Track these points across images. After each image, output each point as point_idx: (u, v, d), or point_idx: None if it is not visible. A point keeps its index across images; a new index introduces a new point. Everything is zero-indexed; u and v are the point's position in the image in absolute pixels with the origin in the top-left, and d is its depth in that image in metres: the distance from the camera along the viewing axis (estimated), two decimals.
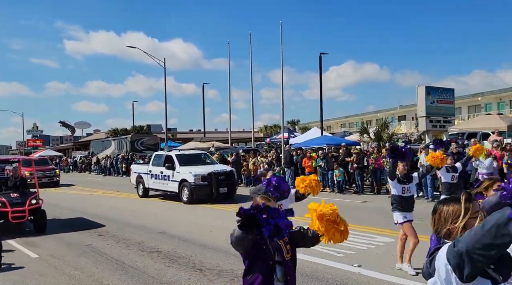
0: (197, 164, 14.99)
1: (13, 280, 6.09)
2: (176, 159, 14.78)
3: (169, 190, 14.95)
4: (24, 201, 9.21)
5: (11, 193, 9.45)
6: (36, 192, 9.81)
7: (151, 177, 15.78)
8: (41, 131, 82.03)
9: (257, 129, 52.04)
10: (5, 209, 8.97)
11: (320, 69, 25.73)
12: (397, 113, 48.80)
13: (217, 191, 13.75)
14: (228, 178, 14.35)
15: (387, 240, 7.73)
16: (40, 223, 9.53)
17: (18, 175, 10.27)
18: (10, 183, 10.07)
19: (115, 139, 41.46)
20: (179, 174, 14.30)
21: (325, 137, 22.77)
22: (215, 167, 14.90)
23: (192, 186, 13.68)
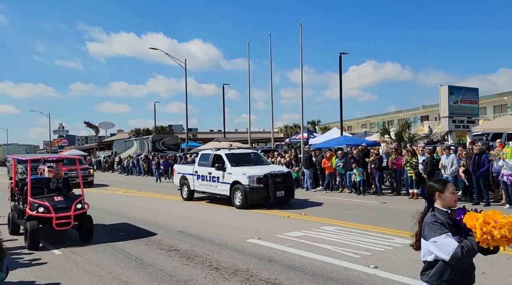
0: (249, 164, 13.59)
1: (36, 275, 6.32)
2: (226, 159, 13.42)
3: (218, 193, 13.57)
4: (69, 206, 8.19)
5: (54, 197, 8.42)
6: (81, 195, 8.70)
7: (197, 178, 14.53)
8: (67, 131, 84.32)
9: (277, 129, 52.01)
10: (48, 215, 7.96)
11: (340, 69, 25.55)
12: (420, 113, 47.94)
13: (274, 194, 12.37)
14: (285, 180, 12.95)
15: (405, 242, 7.62)
16: (86, 230, 8.48)
17: (60, 176, 9.33)
18: (52, 185, 9.09)
19: (137, 139, 42.23)
20: (230, 175, 12.99)
21: (344, 137, 22.58)
22: (271, 168, 13.55)
23: (246, 189, 12.30)
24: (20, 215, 8.86)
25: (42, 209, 7.98)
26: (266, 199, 12.33)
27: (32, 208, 8.06)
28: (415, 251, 6.84)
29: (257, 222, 10.21)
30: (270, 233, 8.74)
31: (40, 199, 8.22)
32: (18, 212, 8.97)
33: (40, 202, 8.11)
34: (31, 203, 8.14)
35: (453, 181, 12.63)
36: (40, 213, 7.96)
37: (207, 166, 14.05)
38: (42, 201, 8.12)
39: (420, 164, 13.47)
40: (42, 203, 8.07)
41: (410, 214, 10.62)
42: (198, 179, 14.48)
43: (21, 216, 8.74)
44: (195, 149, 35.02)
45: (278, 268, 6.24)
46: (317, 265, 6.33)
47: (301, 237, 8.23)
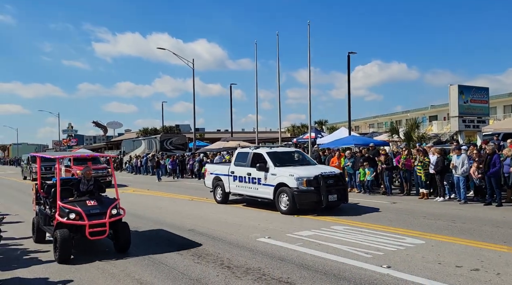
0: (294, 164, 12.35)
1: (49, 272, 6.37)
2: (268, 158, 12.04)
3: (259, 196, 12.22)
4: (103, 211, 7.17)
5: (86, 201, 7.39)
6: (116, 199, 7.63)
7: (233, 179, 13.15)
8: (76, 131, 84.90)
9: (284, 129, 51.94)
10: (81, 222, 6.96)
11: (349, 69, 25.48)
12: (428, 113, 47.64)
13: (327, 198, 10.94)
14: (337, 182, 11.49)
15: (417, 242, 7.59)
16: (123, 239, 7.36)
17: (91, 177, 8.23)
18: (82, 187, 8.02)
19: (145, 139, 42.43)
20: (274, 176, 11.59)
21: (353, 137, 22.50)
22: (320, 168, 12.17)
23: (294, 193, 10.90)
24: (46, 221, 7.99)
25: (73, 215, 6.96)
26: (317, 204, 10.98)
27: (62, 214, 7.06)
28: (429, 252, 6.84)
29: (267, 221, 10.20)
30: (280, 232, 8.73)
31: (70, 204, 7.21)
32: (44, 217, 8.07)
33: (71, 207, 7.08)
34: (61, 208, 7.15)
35: (465, 182, 12.53)
36: (71, 220, 6.95)
37: (246, 166, 12.71)
38: (73, 206, 7.10)
39: (431, 164, 13.39)
40: (73, 209, 7.03)
41: (421, 214, 10.61)
42: (235, 180, 13.11)
43: (48, 222, 7.93)
44: (203, 148, 35.14)
45: (289, 267, 6.24)
46: (329, 265, 6.31)
47: (312, 237, 8.21)
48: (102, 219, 7.07)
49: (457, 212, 10.93)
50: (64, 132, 79.33)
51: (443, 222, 9.53)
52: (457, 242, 7.58)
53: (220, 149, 30.58)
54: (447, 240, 7.70)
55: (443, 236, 8.06)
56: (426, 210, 11.33)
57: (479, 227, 8.83)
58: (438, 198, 13.17)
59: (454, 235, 8.17)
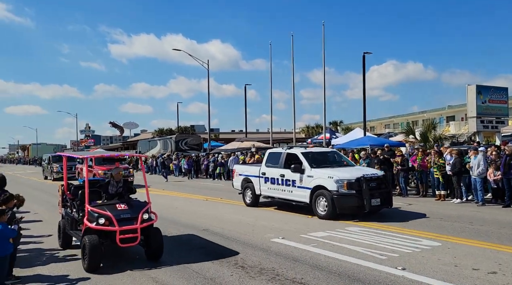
0: (332, 165, 11.53)
1: (69, 270, 6.51)
2: (304, 158, 11.24)
3: (294, 200, 11.40)
4: (134, 216, 6.62)
5: (116, 204, 6.81)
6: (147, 203, 7.08)
7: (265, 181, 12.40)
8: (93, 131, 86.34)
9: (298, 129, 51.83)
10: (111, 228, 6.41)
11: (364, 69, 25.32)
12: (446, 113, 46.91)
13: (370, 203, 10.06)
14: (381, 185, 10.64)
15: (433, 244, 7.51)
16: (155, 247, 6.79)
17: (120, 178, 7.62)
18: (111, 189, 7.43)
19: (161, 139, 42.88)
20: (311, 179, 10.80)
21: (368, 138, 22.33)
22: (361, 170, 11.46)
23: (334, 196, 10.12)
24: (73, 225, 7.59)
25: (103, 221, 6.44)
26: (359, 209, 10.14)
27: (91, 219, 6.56)
28: (445, 254, 6.76)
29: (281, 221, 10.22)
30: (294, 233, 8.74)
31: (99, 208, 6.69)
32: (71, 221, 7.64)
33: (100, 211, 6.57)
34: (89, 212, 6.64)
35: (482, 183, 12.32)
36: (100, 225, 6.44)
37: (278, 167, 11.95)
38: (102, 210, 6.59)
39: (447, 166, 13.20)
40: (102, 213, 6.53)
41: (437, 216, 10.48)
42: (266, 182, 12.32)
43: (75, 226, 7.55)
44: (218, 149, 35.32)
45: (303, 268, 6.24)
46: (343, 266, 6.30)
47: (326, 237, 8.20)
48: (133, 225, 6.51)
49: (475, 214, 10.75)
50: (81, 132, 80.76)
51: (460, 224, 9.40)
52: (474, 244, 7.47)
53: (234, 150, 30.69)
54: (464, 243, 7.60)
55: (460, 238, 7.95)
56: (443, 212, 11.18)
57: (497, 230, 8.68)
58: (455, 199, 12.97)
59: (471, 237, 8.06)
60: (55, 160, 28.52)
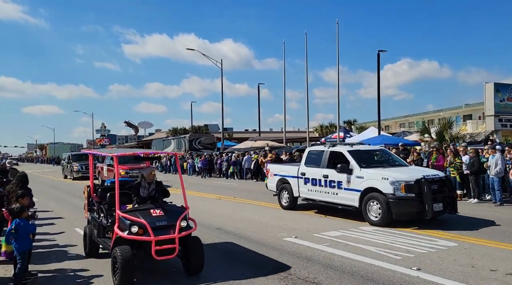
0: (382, 165, 10.38)
1: (82, 266, 6.61)
2: (352, 157, 10.15)
3: (339, 203, 10.35)
4: (172, 224, 5.76)
5: (151, 210, 5.92)
6: (185, 208, 6.23)
7: (304, 182, 11.34)
8: (109, 131, 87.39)
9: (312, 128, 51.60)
10: (146, 238, 5.55)
11: (378, 67, 25.06)
12: (462, 112, 46.08)
13: (431, 208, 8.81)
14: (443, 188, 9.42)
15: (449, 244, 7.37)
16: (195, 259, 5.92)
17: (153, 180, 6.76)
18: (143, 191, 6.55)
19: (175, 138, 43.21)
20: (361, 180, 9.68)
21: (382, 137, 22.09)
22: (420, 170, 10.32)
23: (389, 200, 8.94)
24: (100, 231, 6.78)
25: (136, 229, 5.59)
26: (419, 214, 8.91)
27: (123, 227, 5.71)
28: (461, 254, 6.63)
29: (293, 221, 10.16)
30: (307, 232, 8.68)
31: (132, 214, 5.82)
32: (98, 227, 6.85)
33: (133, 218, 5.70)
34: (120, 218, 5.78)
35: (499, 182, 12.06)
36: (133, 234, 5.58)
37: (320, 166, 10.89)
38: (135, 217, 5.71)
39: (464, 165, 12.97)
40: (136, 220, 5.66)
41: (454, 216, 10.24)
42: (306, 183, 11.27)
43: (102, 233, 6.76)
44: (231, 148, 35.40)
45: (316, 267, 6.19)
46: (356, 265, 6.22)
47: (339, 237, 8.12)
48: (171, 234, 5.65)
49: (492, 214, 10.53)
50: (97, 132, 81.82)
51: (477, 224, 9.20)
52: (491, 245, 7.31)
53: (248, 149, 30.70)
54: (481, 243, 7.44)
55: (477, 238, 7.78)
56: (459, 212, 10.96)
57: None
58: (472, 199, 12.73)
59: (488, 237, 7.88)
60: (74, 158, 28.62)
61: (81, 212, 12.49)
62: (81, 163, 27.21)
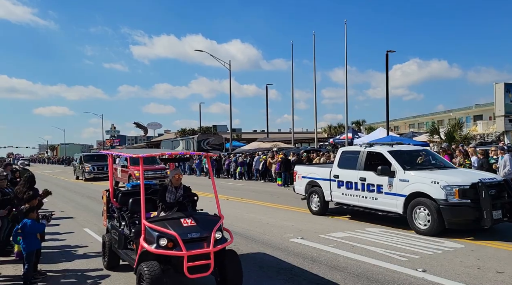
0: (428, 167, 9.45)
1: (91, 265, 6.71)
2: (393, 159, 9.22)
3: (379, 209, 9.35)
4: (205, 236, 5.00)
5: (181, 219, 5.15)
6: (219, 217, 5.48)
7: (337, 185, 10.44)
8: (118, 131, 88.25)
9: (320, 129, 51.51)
10: (177, 253, 4.77)
11: (387, 67, 24.93)
12: (473, 112, 45.65)
13: (490, 216, 7.77)
14: (501, 193, 8.40)
15: (456, 246, 7.33)
16: (232, 277, 5.15)
17: (180, 183, 5.94)
18: (170, 196, 5.79)
19: (183, 139, 43.42)
20: (405, 183, 8.72)
21: (390, 137, 21.97)
22: (476, 173, 9.19)
23: (441, 207, 8.00)
24: (122, 242, 5.97)
25: (164, 242, 4.82)
26: (476, 223, 7.97)
27: (150, 239, 4.94)
28: (468, 256, 6.60)
29: (300, 221, 10.18)
30: (313, 233, 8.70)
31: (159, 224, 5.03)
32: (119, 237, 6.04)
33: (161, 229, 4.92)
34: (147, 229, 5.02)
35: None
36: (162, 248, 4.82)
37: (356, 168, 9.97)
38: (164, 228, 4.94)
39: (473, 166, 12.85)
40: (165, 231, 4.89)
41: None
42: (340, 186, 10.38)
43: (124, 244, 5.95)
44: (239, 148, 35.47)
45: (322, 268, 6.21)
46: (362, 267, 6.23)
47: (345, 238, 8.13)
48: (205, 248, 4.88)
49: None
50: (107, 133, 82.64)
51: None
52: (498, 247, 7.26)
53: (256, 150, 30.75)
54: (488, 245, 7.39)
55: (484, 240, 7.73)
56: None
57: None
58: None
59: (496, 239, 7.82)
60: (86, 159, 28.58)
61: (90, 212, 12.70)
62: (93, 164, 27.31)
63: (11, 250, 7.25)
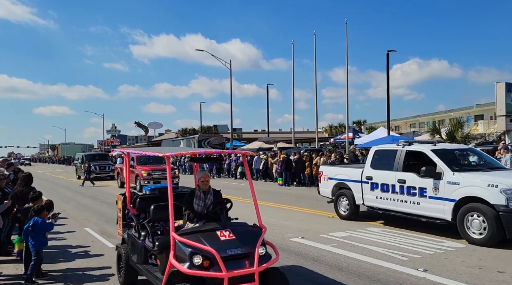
0: (479, 168, 8.67)
1: (92, 265, 6.72)
2: (438, 158, 8.28)
3: (423, 215, 8.40)
4: (248, 252, 4.21)
5: (218, 231, 4.33)
6: (262, 229, 4.67)
7: (371, 188, 9.55)
8: (119, 131, 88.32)
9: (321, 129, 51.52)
10: (216, 274, 3.98)
11: (388, 67, 24.91)
12: (474, 112, 45.60)
13: None
14: None
15: (456, 245, 7.33)
16: None
17: (209, 188, 5.16)
18: (198, 203, 4.96)
19: (184, 139, 43.47)
20: (455, 186, 7.77)
21: (391, 137, 21.96)
22: None
23: (500, 213, 7.09)
24: (142, 255, 5.11)
25: (199, 260, 4.03)
26: None
27: (181, 256, 4.12)
28: (469, 256, 6.59)
29: (302, 221, 10.18)
30: (314, 233, 8.69)
31: (192, 237, 4.21)
32: (139, 250, 5.16)
33: (195, 243, 4.11)
34: (177, 244, 4.19)
35: None
36: (196, 267, 4.02)
37: (393, 169, 9.06)
38: (198, 242, 4.13)
39: None
40: (199, 247, 4.08)
41: None
42: (374, 189, 9.49)
43: (144, 258, 5.09)
44: (240, 148, 35.46)
45: (323, 268, 6.21)
46: (363, 266, 6.23)
47: (346, 238, 8.12)
48: (248, 267, 4.09)
49: None
50: (108, 132, 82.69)
51: None
52: (500, 246, 7.24)
53: (256, 149, 30.75)
54: (490, 245, 7.36)
55: None
56: None
57: None
58: None
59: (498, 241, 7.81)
60: (88, 159, 28.46)
61: (91, 212, 12.70)
62: (95, 163, 27.26)
63: (12, 250, 7.26)
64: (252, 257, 4.16)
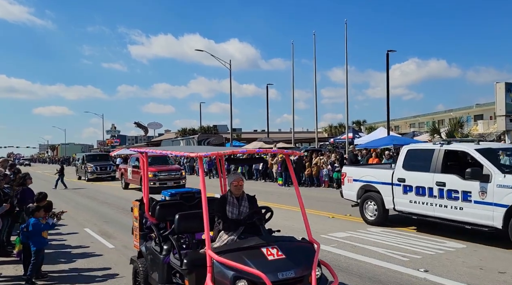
0: None
1: (92, 265, 6.70)
2: (485, 159, 7.50)
3: (467, 221, 7.67)
4: (302, 275, 3.53)
5: (263, 248, 3.63)
6: (312, 244, 4.05)
7: (404, 190, 8.75)
8: (119, 131, 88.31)
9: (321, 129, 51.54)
10: None
11: (387, 67, 24.88)
12: (473, 112, 45.63)
13: None
14: None
15: (458, 246, 7.32)
16: None
17: (243, 194, 4.44)
18: (232, 211, 4.28)
19: (184, 139, 43.47)
20: (506, 191, 7.00)
21: (392, 137, 21.94)
22: None
23: None
24: (165, 274, 4.27)
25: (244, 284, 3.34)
26: None
27: (221, 280, 3.42)
28: (470, 256, 6.58)
29: (301, 221, 10.12)
30: (314, 233, 8.58)
31: (234, 257, 3.49)
32: (161, 268, 4.34)
33: (238, 265, 3.39)
34: (215, 265, 3.48)
35: None
36: None
37: (430, 171, 8.25)
38: (241, 263, 3.41)
39: None
40: (244, 269, 3.36)
41: None
42: (407, 192, 8.69)
43: (168, 277, 4.26)
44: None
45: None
46: (363, 267, 6.21)
47: (346, 238, 8.11)
48: None
49: None
50: (107, 133, 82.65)
51: None
52: (501, 247, 7.23)
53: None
54: (491, 245, 7.36)
55: (486, 241, 7.70)
56: None
57: None
58: None
59: (498, 240, 7.79)
60: (89, 159, 28.19)
61: (91, 212, 12.68)
62: (96, 164, 27.07)
63: (12, 251, 7.24)
64: (306, 281, 3.44)
